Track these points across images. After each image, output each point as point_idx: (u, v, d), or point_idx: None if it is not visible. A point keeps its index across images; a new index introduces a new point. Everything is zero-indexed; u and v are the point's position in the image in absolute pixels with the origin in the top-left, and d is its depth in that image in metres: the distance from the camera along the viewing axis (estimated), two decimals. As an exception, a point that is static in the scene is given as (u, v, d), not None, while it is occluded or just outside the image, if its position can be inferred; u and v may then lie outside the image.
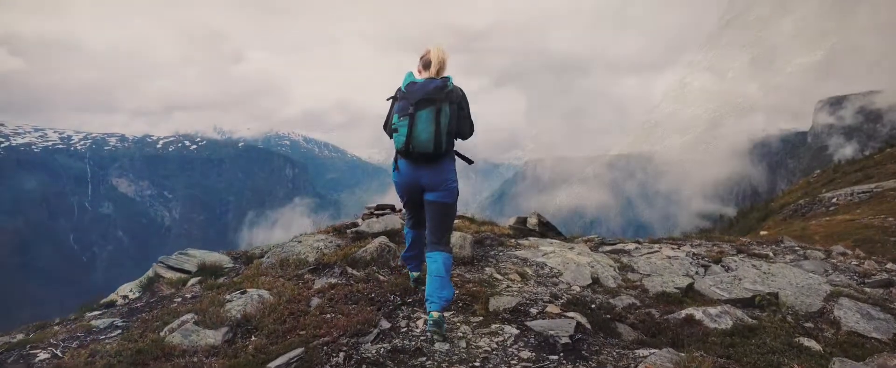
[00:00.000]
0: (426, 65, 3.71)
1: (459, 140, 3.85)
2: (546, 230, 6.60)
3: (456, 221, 6.92)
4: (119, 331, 3.91)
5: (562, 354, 3.25)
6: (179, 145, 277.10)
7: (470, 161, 3.97)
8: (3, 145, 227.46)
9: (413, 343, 3.39)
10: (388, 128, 3.72)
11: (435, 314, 3.42)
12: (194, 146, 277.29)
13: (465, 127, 3.78)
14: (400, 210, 7.82)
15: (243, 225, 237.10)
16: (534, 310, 4.02)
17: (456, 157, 3.86)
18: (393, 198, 4.17)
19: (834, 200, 37.83)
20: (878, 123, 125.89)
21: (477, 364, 3.13)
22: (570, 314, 3.97)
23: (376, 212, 7.91)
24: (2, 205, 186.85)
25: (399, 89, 3.69)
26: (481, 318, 3.82)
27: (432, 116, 3.52)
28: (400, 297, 4.11)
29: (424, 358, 3.18)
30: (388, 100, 3.78)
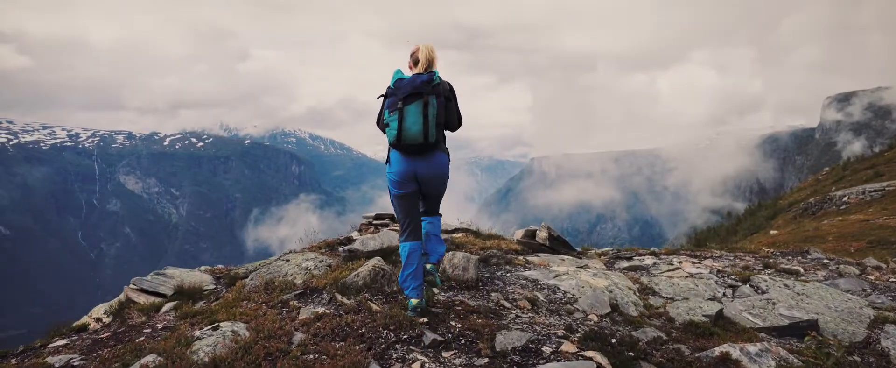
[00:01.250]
0: (415, 62, 3.90)
1: (448, 131, 4.05)
2: (557, 244, 6.08)
3: (459, 235, 6.42)
4: (74, 373, 3.44)
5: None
6: (186, 142, 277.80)
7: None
8: (12, 143, 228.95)
9: (406, 395, 2.90)
10: (381, 123, 3.89)
11: (429, 267, 4.20)
12: (201, 144, 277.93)
13: (452, 118, 3.94)
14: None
15: (249, 222, 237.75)
16: (547, 349, 3.52)
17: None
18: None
19: (845, 198, 36.95)
20: (886, 120, 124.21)
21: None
22: (588, 353, 3.46)
23: (375, 222, 7.44)
24: (11, 202, 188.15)
25: (389, 87, 3.84)
26: (487, 360, 3.32)
27: (420, 108, 3.67)
28: (393, 333, 3.61)
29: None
30: (379, 98, 3.93)
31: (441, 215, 4.40)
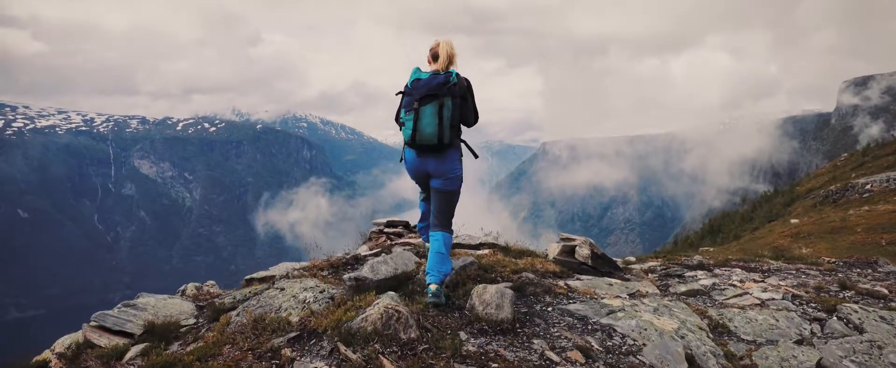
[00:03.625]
0: (434, 57, 3.88)
1: (465, 127, 4.05)
2: (600, 264, 5.16)
3: (485, 251, 5.53)
4: None
5: None
6: (199, 127, 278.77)
7: (475, 155, 4.15)
8: (28, 128, 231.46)
9: None
10: (399, 121, 3.96)
11: (433, 287, 3.79)
12: (213, 128, 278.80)
13: (469, 116, 3.95)
14: (414, 227, 6.50)
15: (260, 206, 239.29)
16: (616, 435, 2.64)
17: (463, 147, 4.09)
18: (409, 180, 4.29)
19: (868, 186, 35.32)
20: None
21: None
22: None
23: (386, 229, 6.57)
24: (28, 186, 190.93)
25: (406, 85, 3.86)
26: None
27: (435, 110, 3.69)
28: (412, 410, 2.75)
29: None
30: (397, 95, 3.97)
31: (452, 233, 4.16)
